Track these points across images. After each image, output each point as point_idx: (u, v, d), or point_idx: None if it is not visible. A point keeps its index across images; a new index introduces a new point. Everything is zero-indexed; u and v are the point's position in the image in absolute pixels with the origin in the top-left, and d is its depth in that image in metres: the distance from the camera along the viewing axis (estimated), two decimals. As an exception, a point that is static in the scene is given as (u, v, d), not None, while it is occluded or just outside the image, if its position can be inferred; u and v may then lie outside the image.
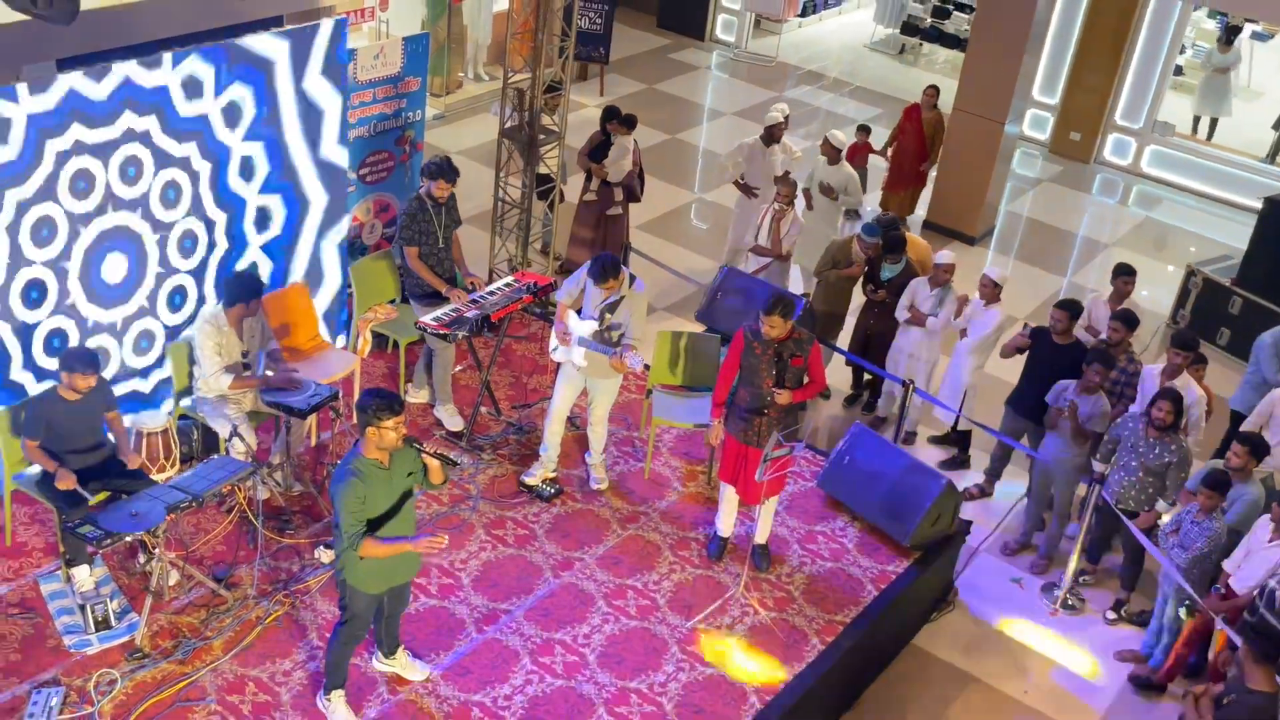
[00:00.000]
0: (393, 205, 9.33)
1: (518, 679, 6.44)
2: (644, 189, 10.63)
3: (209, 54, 7.15)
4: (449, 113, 13.97)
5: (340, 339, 8.77)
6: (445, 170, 7.92)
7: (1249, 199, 14.35)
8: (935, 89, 12.23)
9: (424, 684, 6.33)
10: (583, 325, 7.35)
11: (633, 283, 7.32)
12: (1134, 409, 8.09)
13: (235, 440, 6.88)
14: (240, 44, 7.30)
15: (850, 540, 7.76)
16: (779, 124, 10.73)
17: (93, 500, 6.34)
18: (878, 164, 12.53)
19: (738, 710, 6.45)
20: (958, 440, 9.36)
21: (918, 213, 12.83)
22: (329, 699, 6.02)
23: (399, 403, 5.48)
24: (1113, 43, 14.61)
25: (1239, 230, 13.35)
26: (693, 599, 7.13)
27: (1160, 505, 7.63)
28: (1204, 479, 7.10)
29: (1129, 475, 7.67)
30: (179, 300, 7.61)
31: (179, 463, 7.08)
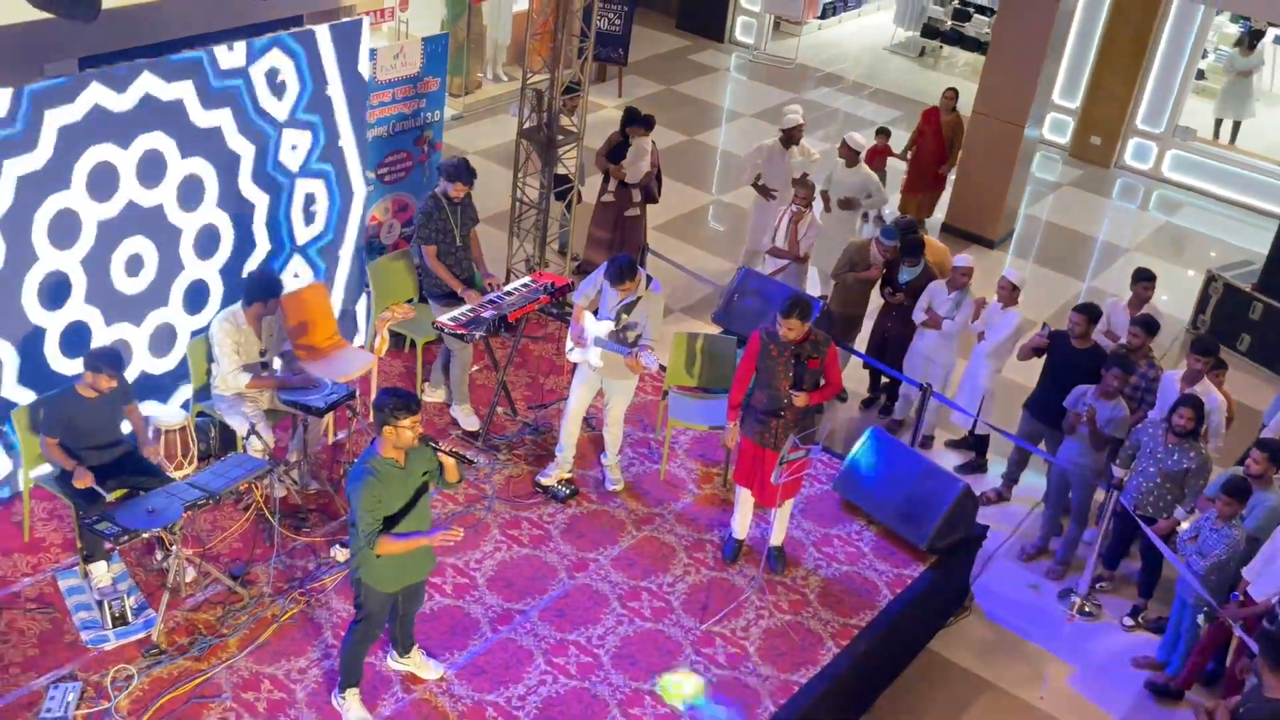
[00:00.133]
0: (411, 205, 9.35)
1: (532, 679, 6.44)
2: (662, 190, 10.63)
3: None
4: (468, 113, 14.00)
5: (357, 338, 8.79)
6: (463, 173, 7.94)
7: (1270, 204, 14.30)
8: (954, 91, 12.19)
9: (438, 683, 6.34)
10: (599, 326, 7.35)
11: (649, 284, 7.31)
12: (1153, 415, 8.04)
13: (253, 438, 6.91)
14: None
15: (866, 544, 7.74)
16: (798, 126, 10.71)
17: (110, 497, 6.37)
18: (897, 167, 12.49)
19: (752, 713, 6.44)
20: (975, 444, 9.32)
21: (936, 216, 12.80)
22: (344, 697, 6.03)
23: (416, 402, 5.49)
24: (1134, 47, 14.53)
25: (1260, 235, 13.27)
26: (707, 601, 7.12)
27: (1178, 512, 7.59)
28: (1223, 486, 7.06)
29: (1147, 481, 7.63)
30: (199, 297, 7.65)
31: (196, 460, 7.10)
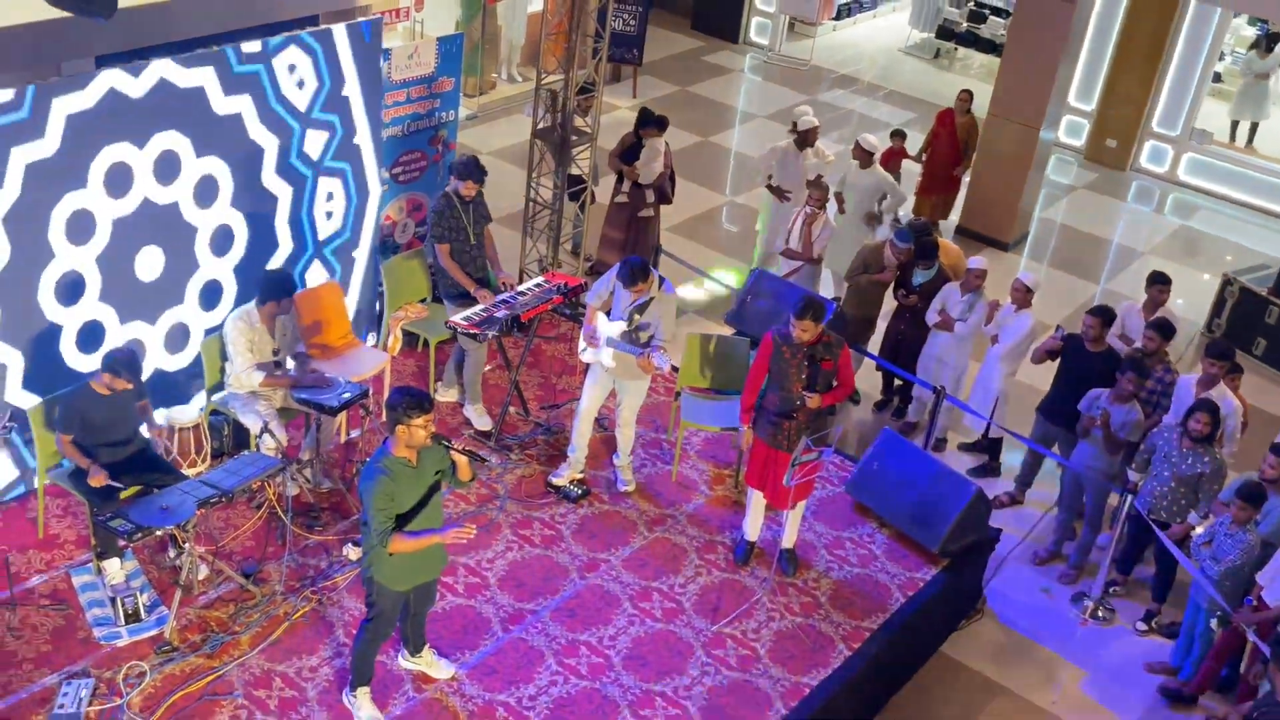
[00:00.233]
0: (425, 204, 9.35)
1: (543, 679, 6.44)
2: (675, 191, 10.63)
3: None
4: (482, 113, 14.01)
5: (371, 337, 8.81)
6: (473, 171, 7.96)
7: (1287, 208, 14.23)
8: (969, 93, 12.15)
9: (449, 682, 6.34)
10: (611, 326, 7.35)
11: (662, 284, 7.31)
12: (1168, 419, 8.01)
13: (266, 436, 6.92)
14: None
15: (878, 547, 7.72)
16: (814, 129, 10.70)
17: (124, 494, 6.39)
18: (912, 169, 12.46)
19: (763, 715, 6.43)
20: (988, 447, 9.30)
21: (951, 218, 12.76)
22: (355, 695, 6.04)
23: (429, 401, 5.49)
24: (1150, 49, 14.47)
25: (1277, 239, 13.22)
26: (718, 603, 7.11)
27: (1193, 517, 7.55)
28: (1238, 490, 7.03)
29: (1162, 485, 7.59)
30: (214, 295, 7.67)
31: (210, 458, 7.12)
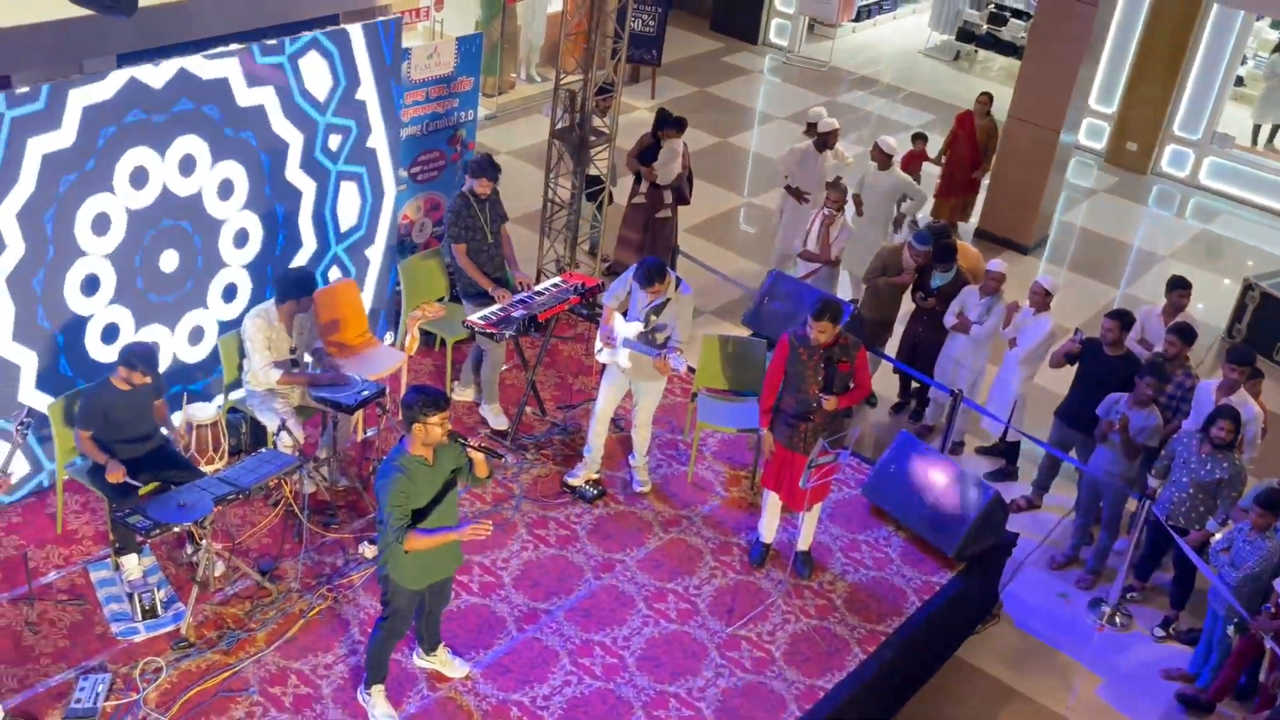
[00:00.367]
0: (443, 204, 9.37)
1: (557, 679, 6.44)
2: (693, 192, 10.62)
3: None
4: (501, 113, 14.03)
5: (388, 336, 8.83)
6: (486, 168, 7.97)
7: (1310, 212, 14.14)
8: (989, 96, 12.11)
9: (463, 681, 6.35)
10: (628, 326, 7.35)
11: (679, 285, 7.31)
12: (1187, 424, 7.96)
13: (283, 434, 6.94)
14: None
15: (894, 550, 7.70)
16: (834, 131, 10.68)
17: (142, 490, 6.42)
18: (932, 172, 12.42)
19: (777, 718, 6.41)
20: (1006, 451, 9.26)
21: (970, 221, 12.72)
22: (369, 693, 6.05)
23: (444, 399, 5.50)
24: (1172, 52, 14.39)
25: (1299, 244, 13.15)
26: (733, 604, 7.10)
27: (1211, 523, 7.50)
28: (1258, 497, 6.98)
29: (1180, 491, 7.55)
30: (232, 294, 7.70)
31: (227, 455, 7.15)
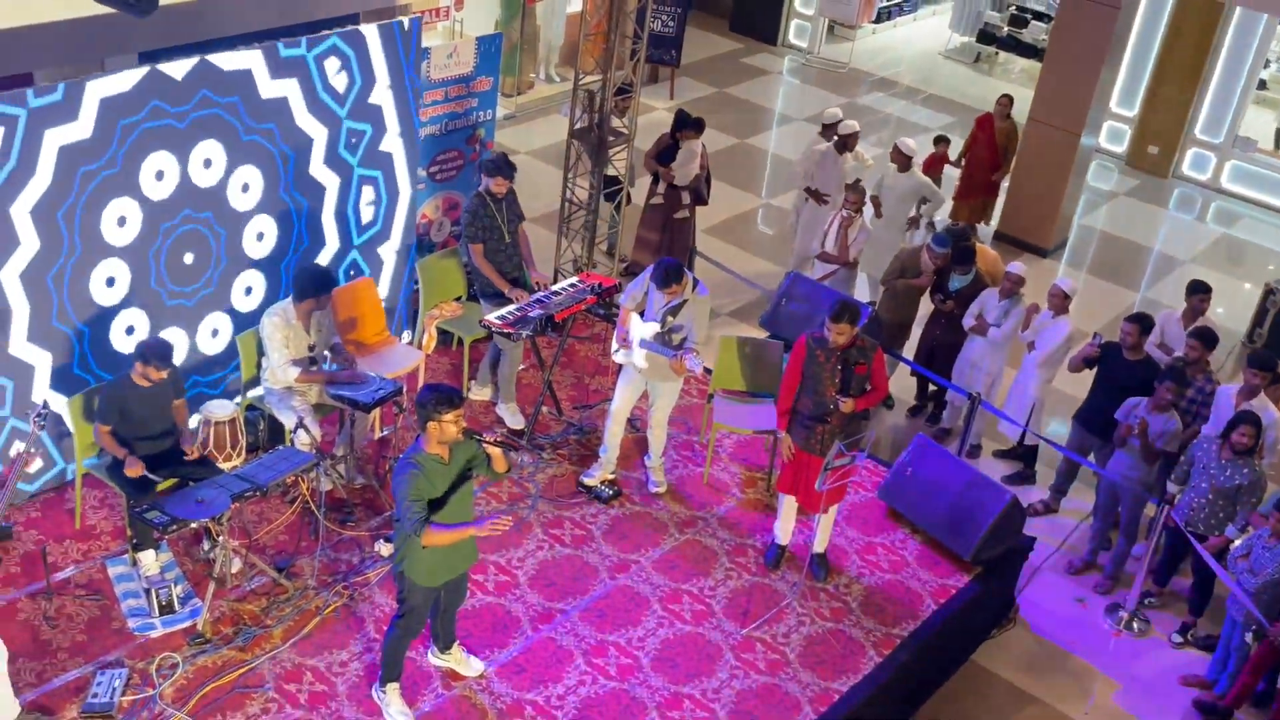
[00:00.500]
0: (461, 203, 9.39)
1: (571, 679, 6.44)
2: (711, 193, 10.61)
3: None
4: (520, 113, 14.05)
5: (405, 334, 8.85)
6: (502, 167, 7.99)
7: (1332, 217, 14.05)
8: (1009, 98, 12.06)
9: (478, 680, 6.36)
10: (645, 327, 7.34)
11: (696, 287, 7.30)
12: (1207, 429, 7.91)
13: (300, 432, 6.96)
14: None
15: (910, 553, 7.67)
16: (854, 133, 10.66)
17: (160, 486, 6.45)
18: (953, 174, 12.38)
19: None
20: (1024, 455, 9.22)
21: (989, 223, 12.67)
22: (384, 691, 6.07)
23: (458, 396, 5.51)
24: (1194, 55, 14.31)
25: (1321, 249, 13.05)
26: (748, 606, 7.09)
27: (1230, 529, 7.46)
28: (1277, 503, 6.94)
29: (1199, 497, 7.50)
30: (250, 292, 7.73)
31: (245, 452, 7.17)
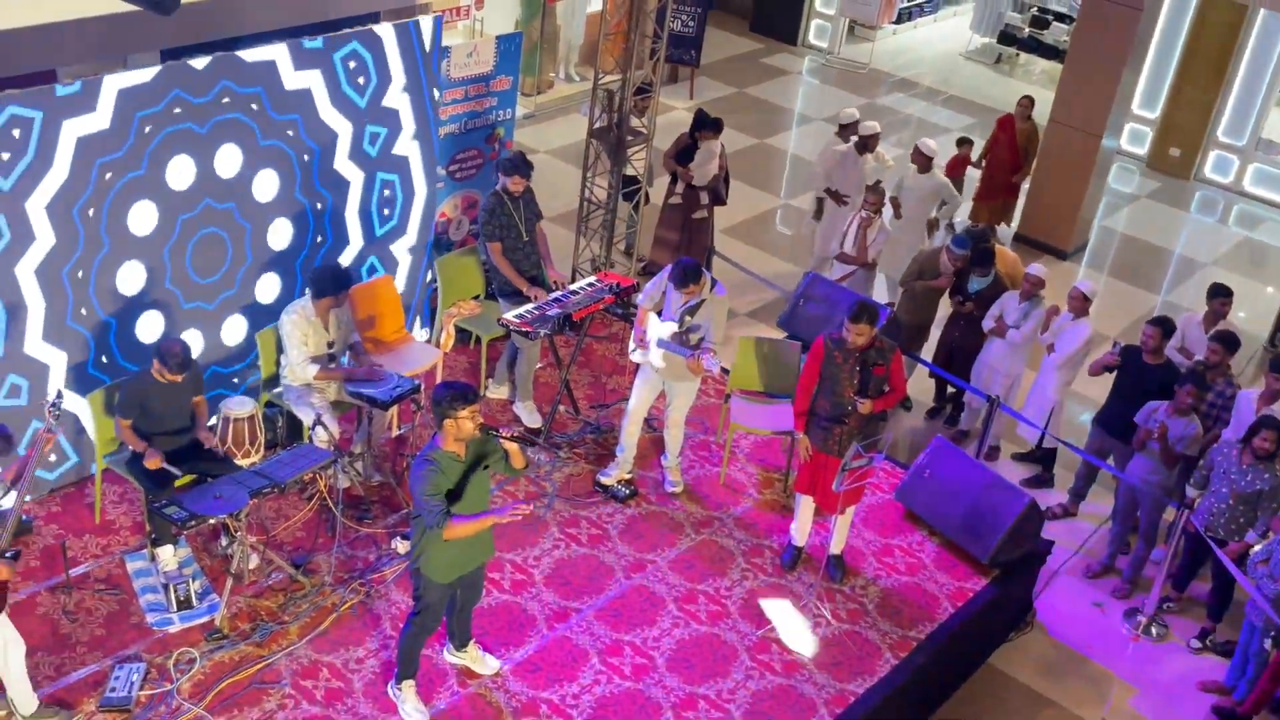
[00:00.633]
0: (480, 202, 9.40)
1: (586, 678, 6.45)
2: (729, 193, 10.60)
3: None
4: (539, 112, 14.06)
5: (423, 333, 8.86)
6: (519, 165, 8.00)
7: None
8: (1030, 99, 12.01)
9: (493, 678, 6.37)
10: (662, 327, 7.34)
11: (714, 287, 7.29)
12: (1228, 434, 7.86)
13: (318, 429, 6.98)
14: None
15: (927, 555, 7.65)
16: (875, 134, 10.63)
17: (179, 482, 6.48)
18: (974, 175, 12.33)
19: (806, 721, 6.40)
20: (1042, 458, 9.18)
21: (1010, 225, 12.62)
22: (400, 688, 6.08)
23: (473, 392, 5.51)
24: (1217, 58, 14.23)
25: (1344, 253, 12.95)
26: (764, 607, 7.08)
27: (1251, 534, 7.41)
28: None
29: (1220, 502, 7.46)
30: (271, 288, 7.76)
31: (263, 449, 7.20)
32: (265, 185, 7.40)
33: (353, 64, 7.54)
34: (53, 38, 7.44)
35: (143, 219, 6.87)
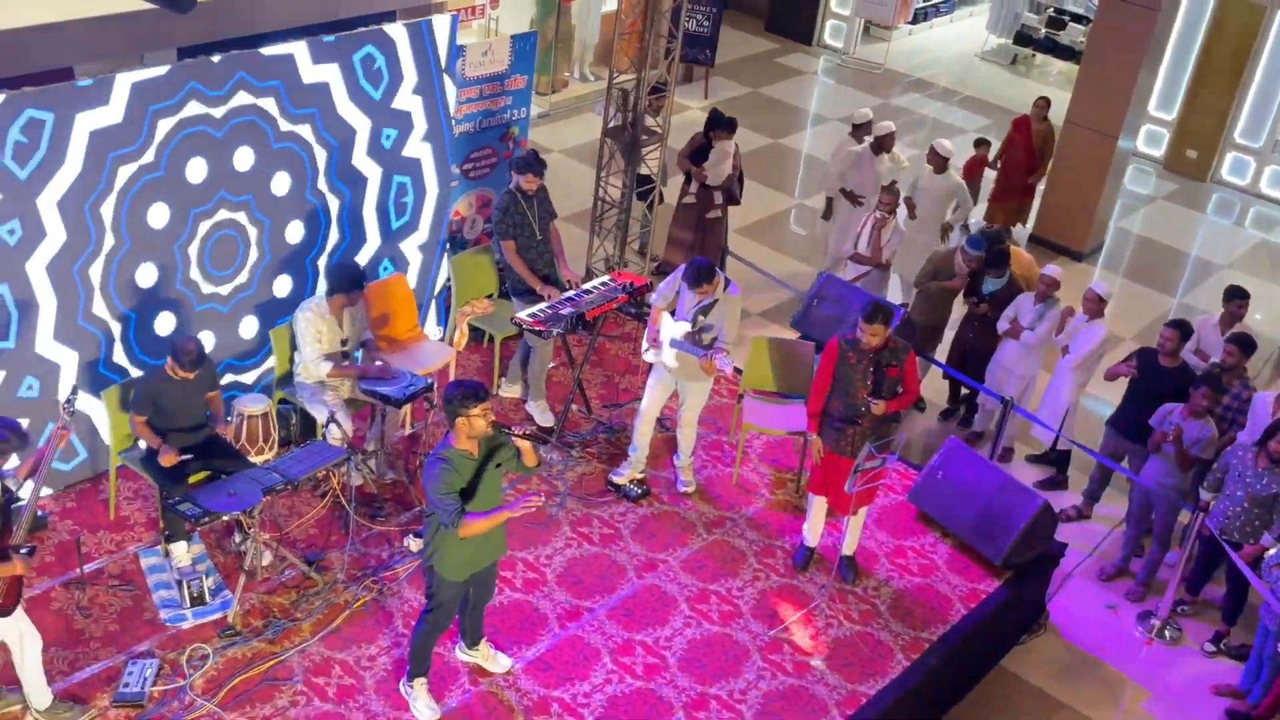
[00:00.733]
0: (494, 201, 9.41)
1: (598, 677, 6.45)
2: (743, 193, 10.59)
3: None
4: (554, 111, 14.07)
5: (438, 331, 8.87)
6: (532, 164, 8.01)
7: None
8: (1046, 100, 11.98)
9: (505, 676, 6.37)
10: (676, 327, 7.34)
11: (727, 286, 7.29)
12: (1243, 437, 7.82)
13: (332, 426, 7.00)
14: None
15: (940, 557, 7.63)
16: (890, 134, 10.61)
17: (193, 479, 6.50)
18: (991, 177, 12.30)
19: (818, 722, 6.39)
20: (1056, 460, 9.15)
21: (1025, 226, 12.58)
22: (411, 686, 6.09)
23: (484, 390, 5.52)
24: (1234, 59, 14.16)
25: (1362, 256, 12.88)
26: (776, 608, 7.07)
27: (1266, 538, 7.37)
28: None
29: (1235, 505, 7.42)
30: (285, 285, 7.78)
31: (277, 446, 7.22)
32: (281, 183, 7.42)
33: (369, 63, 7.55)
34: (69, 36, 7.48)
35: (160, 217, 6.89)
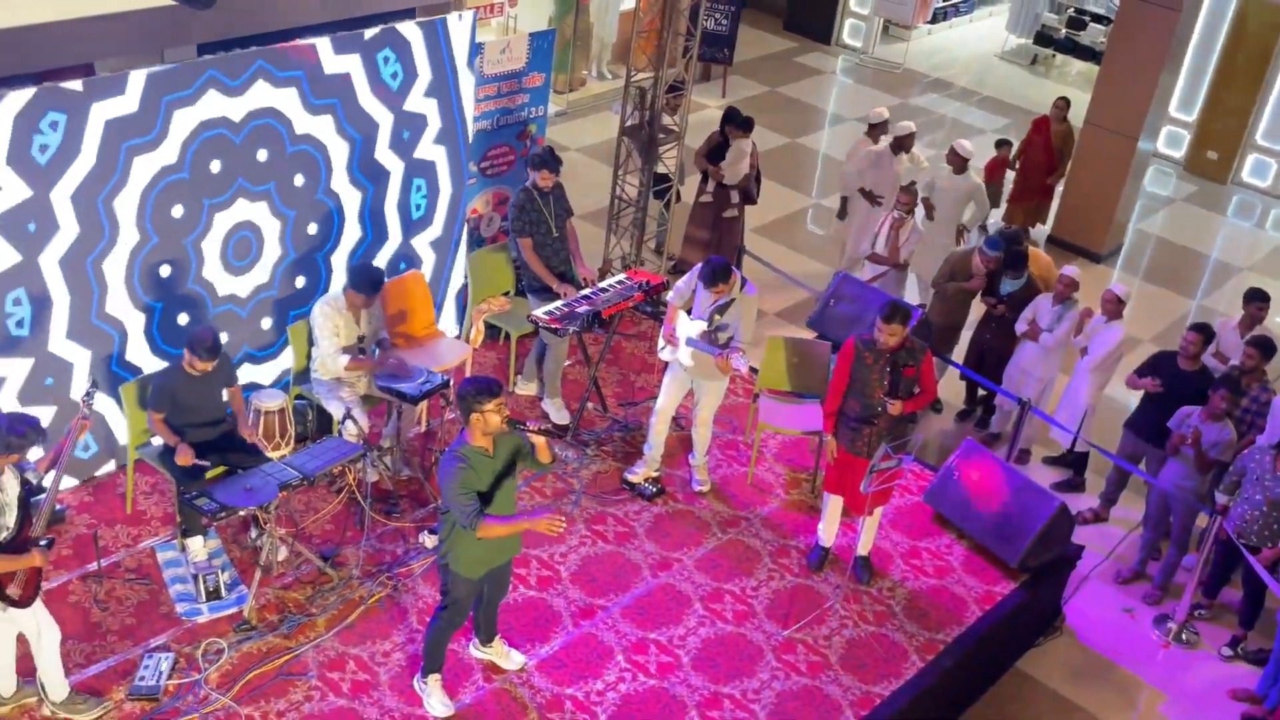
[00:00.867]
0: (510, 198, 9.41)
1: (611, 675, 6.45)
2: (760, 192, 10.57)
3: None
4: (571, 109, 14.08)
5: (453, 328, 8.89)
6: (548, 160, 8.01)
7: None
8: (1066, 101, 11.92)
9: (518, 674, 6.38)
10: (691, 325, 7.33)
11: (744, 286, 7.27)
12: (1262, 440, 7.77)
13: (348, 423, 7.01)
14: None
15: (956, 558, 7.60)
16: (910, 134, 10.58)
17: (210, 474, 6.53)
18: (1009, 177, 12.25)
19: (831, 723, 6.38)
20: (1074, 462, 9.11)
21: (1043, 227, 12.53)
22: (425, 682, 6.10)
23: (497, 385, 5.52)
24: (1256, 60, 14.07)
25: (1385, 259, 12.78)
26: (790, 607, 7.06)
27: (1285, 542, 7.33)
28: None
29: (1253, 509, 7.37)
30: (303, 281, 7.80)
31: (293, 442, 7.24)
32: (302, 180, 7.44)
33: (389, 61, 7.57)
34: (90, 32, 7.51)
35: (182, 213, 6.92)
